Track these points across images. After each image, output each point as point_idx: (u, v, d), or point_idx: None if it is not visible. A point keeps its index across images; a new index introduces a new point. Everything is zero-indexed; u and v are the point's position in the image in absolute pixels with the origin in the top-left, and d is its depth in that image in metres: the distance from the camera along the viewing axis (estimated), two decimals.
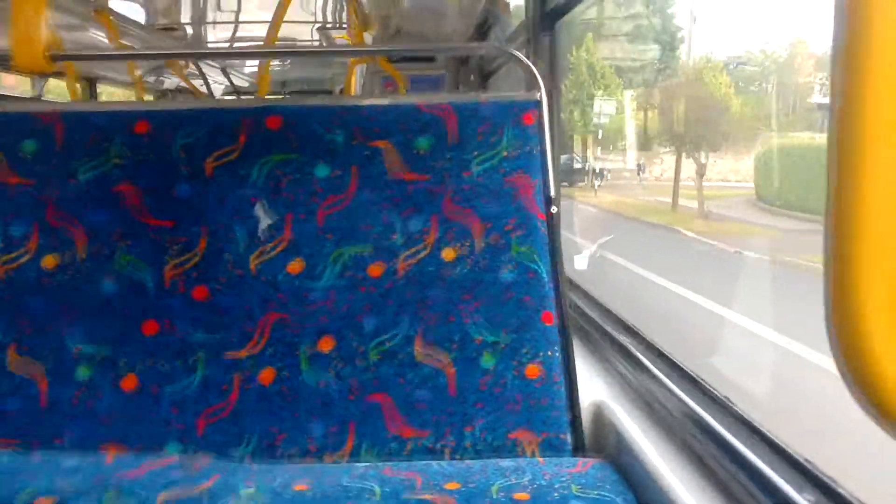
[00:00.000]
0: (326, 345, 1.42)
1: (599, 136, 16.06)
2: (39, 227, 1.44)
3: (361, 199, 1.46)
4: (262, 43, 3.30)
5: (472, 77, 4.87)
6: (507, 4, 3.75)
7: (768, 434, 1.16)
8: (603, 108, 15.80)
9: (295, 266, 1.44)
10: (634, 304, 3.65)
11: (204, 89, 5.43)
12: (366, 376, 1.41)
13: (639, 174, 15.55)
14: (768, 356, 5.59)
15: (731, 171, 13.15)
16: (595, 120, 15.92)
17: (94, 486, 1.20)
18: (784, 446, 1.12)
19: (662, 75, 15.50)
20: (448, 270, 1.44)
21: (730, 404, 1.28)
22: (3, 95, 4.42)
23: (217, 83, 6.23)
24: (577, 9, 2.41)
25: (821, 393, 3.99)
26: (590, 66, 15.39)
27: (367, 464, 1.35)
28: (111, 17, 3.33)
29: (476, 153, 1.47)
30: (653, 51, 15.32)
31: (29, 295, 1.43)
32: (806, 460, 1.07)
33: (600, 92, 15.58)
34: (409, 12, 4.10)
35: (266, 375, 1.41)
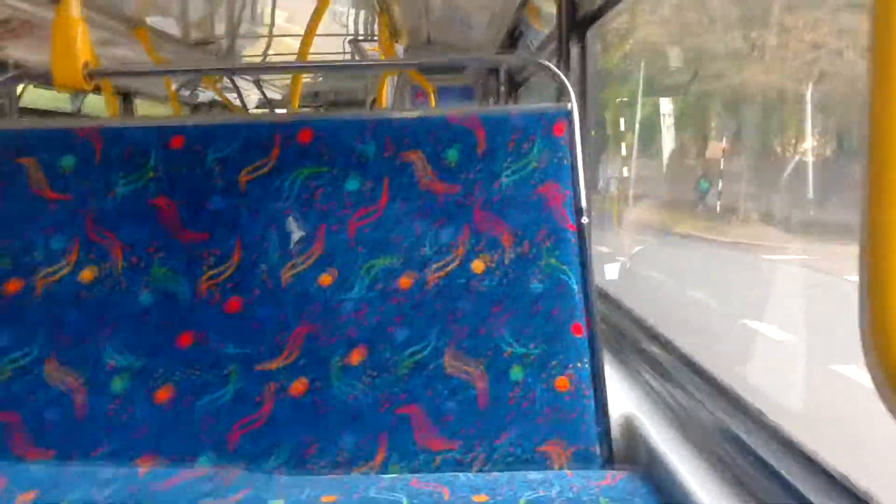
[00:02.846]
0: (357, 356, 1.43)
1: None
2: (79, 241, 1.47)
3: (392, 211, 1.47)
4: (295, 56, 3.33)
5: (501, 87, 4.88)
6: (539, 12, 3.75)
7: (802, 447, 1.14)
8: None
9: (327, 278, 1.45)
10: None
11: (238, 102, 5.51)
12: (396, 388, 1.42)
13: None
14: None
15: None
16: None
17: (128, 498, 1.22)
18: (820, 461, 1.10)
19: None
20: (477, 282, 1.44)
21: (762, 416, 1.27)
22: (42, 111, 4.52)
23: (250, 95, 6.32)
24: None
25: None
26: None
27: (395, 475, 1.36)
28: (148, 33, 3.40)
29: (506, 164, 1.47)
30: None
31: (67, 308, 1.45)
32: (843, 475, 1.05)
33: None
34: (439, 22, 4.12)
35: (298, 387, 1.42)
